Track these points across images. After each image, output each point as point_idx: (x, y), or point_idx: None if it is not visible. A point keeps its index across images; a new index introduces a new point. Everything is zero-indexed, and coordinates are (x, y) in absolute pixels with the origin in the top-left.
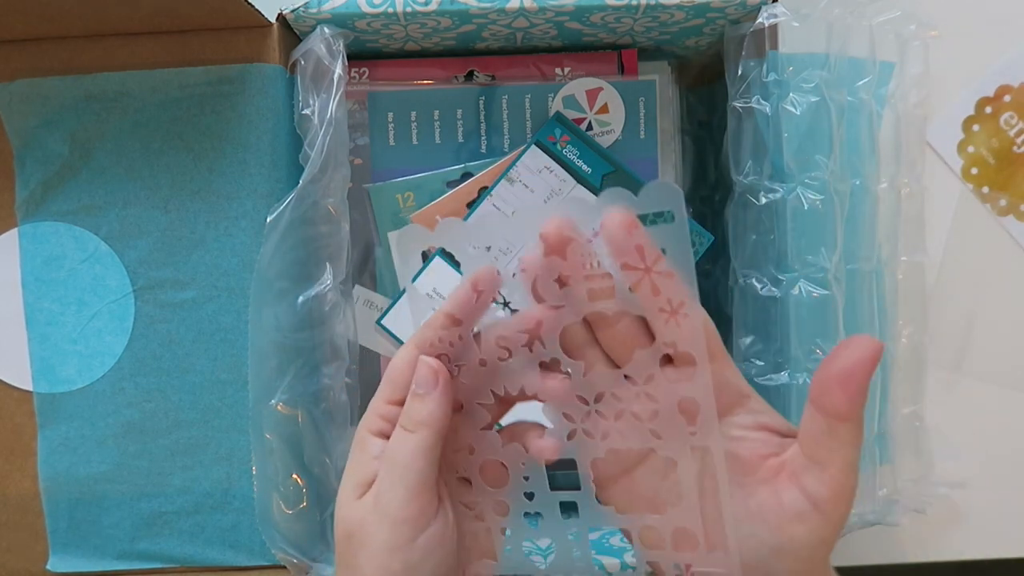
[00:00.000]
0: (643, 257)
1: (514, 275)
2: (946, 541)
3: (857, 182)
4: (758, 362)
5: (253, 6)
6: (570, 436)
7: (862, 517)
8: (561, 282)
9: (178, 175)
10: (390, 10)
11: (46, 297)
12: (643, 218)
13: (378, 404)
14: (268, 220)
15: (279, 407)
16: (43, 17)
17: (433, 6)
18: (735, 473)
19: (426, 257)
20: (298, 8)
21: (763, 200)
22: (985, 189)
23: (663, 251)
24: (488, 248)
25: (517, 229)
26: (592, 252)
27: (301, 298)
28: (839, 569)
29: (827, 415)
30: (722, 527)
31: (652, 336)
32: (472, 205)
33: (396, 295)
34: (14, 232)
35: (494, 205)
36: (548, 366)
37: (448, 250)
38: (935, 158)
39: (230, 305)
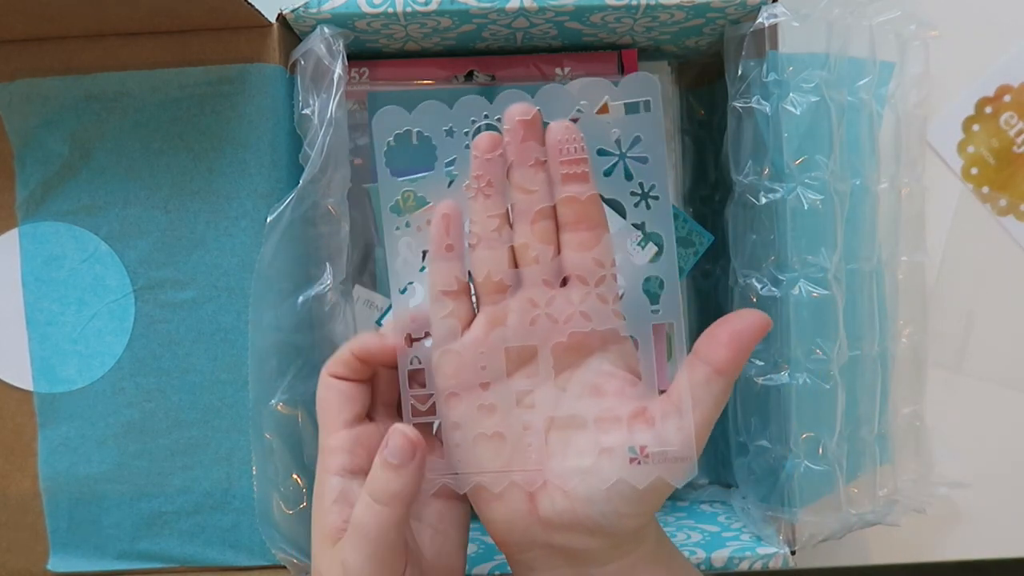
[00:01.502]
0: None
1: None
2: (946, 541)
3: (857, 182)
4: (758, 362)
5: (253, 6)
6: (532, 322)
7: (862, 517)
8: (537, 166)
9: (178, 175)
10: (390, 10)
11: (46, 297)
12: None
13: (325, 440)
14: (268, 220)
15: (279, 407)
16: (43, 17)
17: (433, 6)
18: (616, 383)
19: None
20: (298, 8)
21: (763, 200)
22: (985, 189)
23: (639, 138)
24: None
25: (498, 109)
26: (570, 137)
27: (301, 298)
28: (839, 570)
29: (708, 365)
30: (677, 400)
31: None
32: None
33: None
34: (14, 232)
35: None
36: (517, 251)
37: (426, 133)
38: (935, 158)
39: (230, 305)
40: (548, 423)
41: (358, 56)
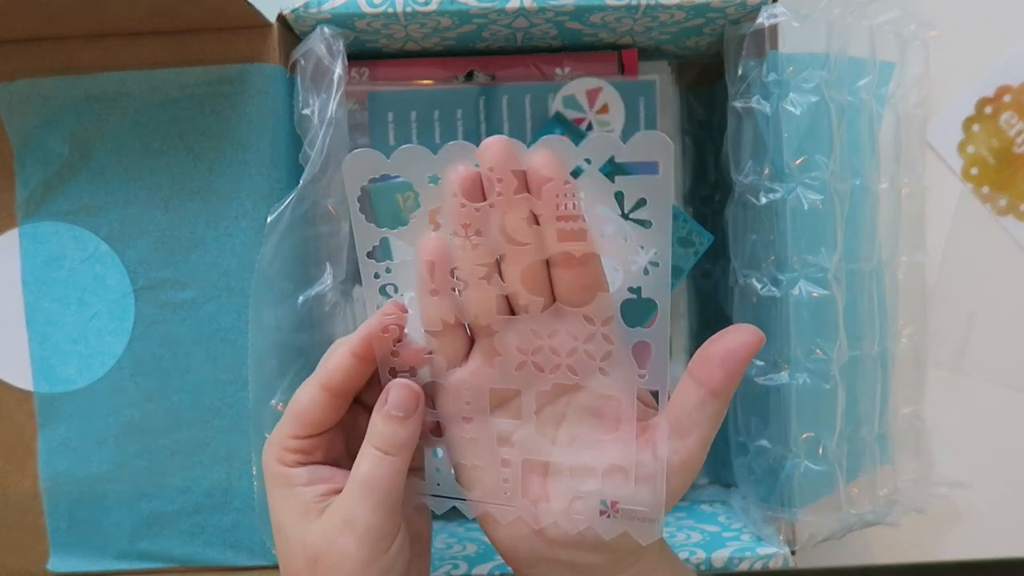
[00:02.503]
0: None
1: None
2: (946, 541)
3: (857, 182)
4: (758, 362)
5: (253, 6)
6: (519, 368)
7: (862, 517)
8: (532, 219)
9: (178, 175)
10: (390, 10)
11: (46, 297)
12: (628, 167)
13: (282, 439)
14: (268, 220)
15: (279, 407)
16: (43, 17)
17: (433, 6)
18: (596, 433)
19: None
20: (298, 8)
21: (763, 200)
22: (985, 189)
23: (644, 201)
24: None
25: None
26: (569, 192)
27: (301, 298)
28: (839, 570)
29: (703, 387)
30: (651, 467)
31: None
32: None
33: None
34: (14, 232)
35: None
36: (503, 300)
37: (406, 178)
38: (935, 158)
39: (230, 305)
40: (526, 463)
41: (358, 56)
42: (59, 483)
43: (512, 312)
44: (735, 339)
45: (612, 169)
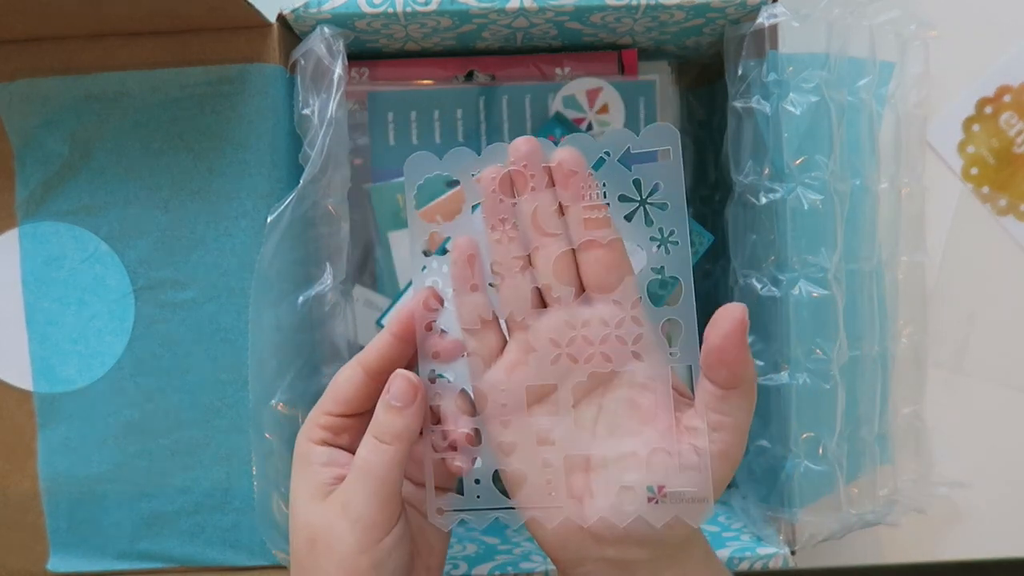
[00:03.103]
0: (639, 189)
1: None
2: (946, 541)
3: (857, 182)
4: (758, 362)
5: (253, 6)
6: (554, 361)
7: (862, 517)
8: (559, 211)
9: (178, 175)
10: (390, 10)
11: (46, 297)
12: (643, 155)
13: (318, 416)
14: (269, 220)
15: (279, 407)
16: (43, 17)
17: (433, 6)
18: (634, 422)
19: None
20: (298, 8)
21: (763, 200)
22: (985, 189)
23: (659, 185)
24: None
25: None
26: (592, 184)
27: (301, 298)
28: (839, 570)
29: (716, 386)
30: (692, 447)
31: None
32: (475, 205)
33: (396, 295)
34: (14, 232)
35: None
36: (539, 291)
37: (456, 177)
38: (935, 158)
39: (230, 305)
40: (568, 460)
41: (358, 56)
42: (59, 483)
43: (544, 307)
44: (720, 332)
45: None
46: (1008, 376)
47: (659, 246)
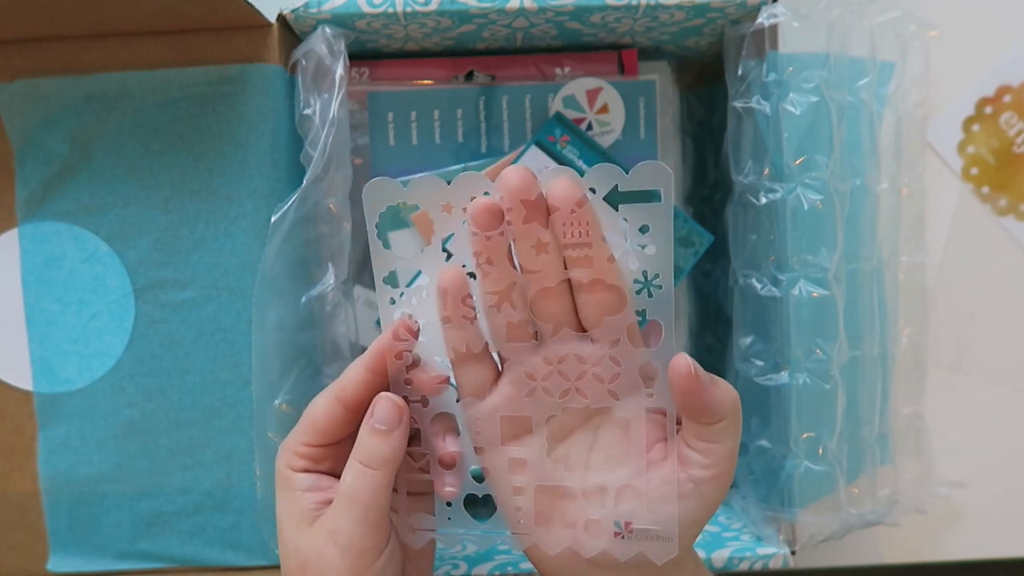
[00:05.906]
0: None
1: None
2: (946, 541)
3: (857, 182)
4: (758, 362)
5: (253, 6)
6: (529, 394)
7: (862, 517)
8: (540, 248)
9: (178, 175)
10: (390, 10)
11: (46, 297)
12: (631, 195)
13: (295, 445)
14: (272, 220)
15: (282, 407)
16: (43, 17)
17: (433, 6)
18: (625, 453)
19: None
20: (298, 8)
21: (763, 200)
22: (985, 189)
23: (647, 227)
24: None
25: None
26: (578, 220)
27: (304, 298)
28: (839, 570)
29: (702, 424)
30: (662, 487)
31: (621, 303)
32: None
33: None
34: (14, 232)
35: None
36: (515, 327)
37: (423, 207)
38: (935, 158)
39: (230, 305)
40: (538, 489)
41: (358, 56)
42: (59, 483)
43: (528, 341)
44: (677, 389)
45: (616, 198)
46: (1008, 376)
47: (641, 290)
